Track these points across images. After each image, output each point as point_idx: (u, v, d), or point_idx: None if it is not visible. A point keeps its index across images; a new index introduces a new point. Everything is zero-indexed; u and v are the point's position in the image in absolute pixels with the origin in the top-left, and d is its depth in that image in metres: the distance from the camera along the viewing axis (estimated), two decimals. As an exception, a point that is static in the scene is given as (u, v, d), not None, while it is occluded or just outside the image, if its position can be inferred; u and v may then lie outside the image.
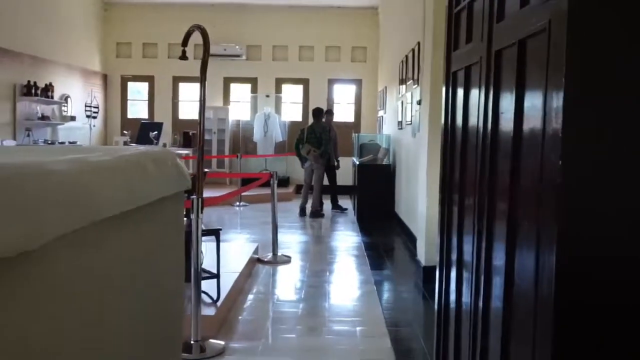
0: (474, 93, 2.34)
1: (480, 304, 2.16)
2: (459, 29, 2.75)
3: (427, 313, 5.10)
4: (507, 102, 1.90)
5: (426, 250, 5.91)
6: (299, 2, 13.55)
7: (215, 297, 4.43)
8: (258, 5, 13.75)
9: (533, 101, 1.66)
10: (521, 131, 1.76)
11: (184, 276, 2.06)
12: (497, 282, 2.00)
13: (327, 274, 6.17)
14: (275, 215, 6.80)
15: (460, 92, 2.65)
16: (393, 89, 10.57)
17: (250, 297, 5.24)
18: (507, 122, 1.90)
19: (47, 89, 11.14)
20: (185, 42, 4.38)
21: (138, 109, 14.80)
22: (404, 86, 8.96)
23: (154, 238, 1.63)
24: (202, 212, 3.87)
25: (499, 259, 1.97)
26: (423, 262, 5.96)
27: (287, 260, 6.66)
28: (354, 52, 14.22)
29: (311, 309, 4.96)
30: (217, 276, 4.42)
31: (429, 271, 5.87)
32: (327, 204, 10.64)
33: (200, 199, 3.87)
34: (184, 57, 4.40)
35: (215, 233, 4.50)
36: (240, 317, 4.63)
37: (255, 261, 6.49)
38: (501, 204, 1.96)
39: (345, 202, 11.80)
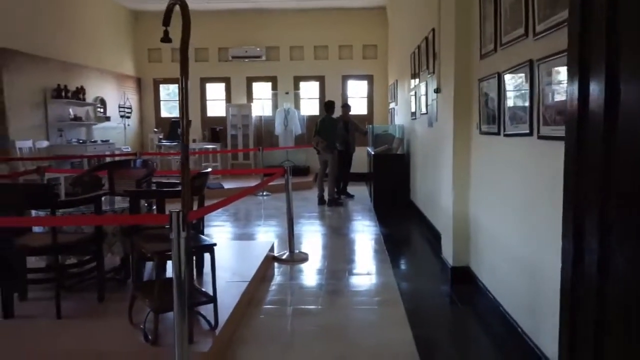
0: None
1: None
2: None
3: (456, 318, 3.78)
4: None
5: (454, 251, 4.48)
6: (312, 5, 12.02)
7: (212, 324, 3.05)
8: (275, 9, 12.27)
9: None
10: None
11: None
12: None
13: (346, 274, 4.76)
14: (291, 210, 5.41)
15: None
16: (404, 82, 9.09)
17: (265, 308, 3.88)
18: None
19: (79, 92, 9.81)
20: (166, 21, 2.97)
21: (170, 109, 13.42)
22: (416, 80, 7.47)
23: None
24: (184, 230, 2.48)
25: None
26: (451, 262, 4.53)
27: (304, 257, 5.27)
28: (365, 50, 12.66)
29: (330, 323, 3.59)
30: (213, 300, 3.02)
31: (457, 272, 4.47)
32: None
33: (182, 214, 2.47)
34: (166, 39, 2.98)
35: (208, 250, 3.10)
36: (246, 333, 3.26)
37: (271, 260, 5.12)
38: None
39: (361, 189, 10.48)
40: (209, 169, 3.93)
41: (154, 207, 4.16)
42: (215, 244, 3.08)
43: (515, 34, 3.16)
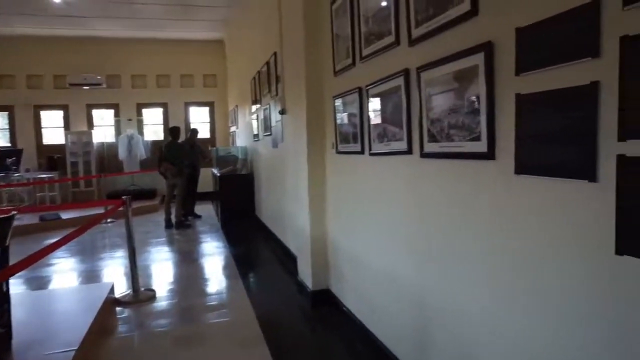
0: None
1: None
2: None
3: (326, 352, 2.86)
4: None
5: (314, 274, 3.59)
6: (152, 36, 10.36)
7: None
8: (114, 38, 10.38)
9: None
10: None
11: None
12: None
13: (200, 313, 3.59)
14: (133, 245, 4.05)
15: None
16: (245, 107, 8.11)
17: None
18: None
19: None
20: None
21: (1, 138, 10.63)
22: (257, 105, 6.56)
23: None
24: None
25: None
26: (310, 286, 3.64)
27: (151, 296, 3.96)
28: (205, 79, 11.37)
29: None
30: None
31: (317, 296, 3.59)
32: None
33: None
34: None
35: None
36: None
37: (111, 304, 3.72)
38: None
39: (207, 207, 9.25)
40: (14, 212, 2.49)
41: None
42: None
43: (382, 43, 2.39)
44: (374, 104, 2.52)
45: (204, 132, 11.27)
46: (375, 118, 2.53)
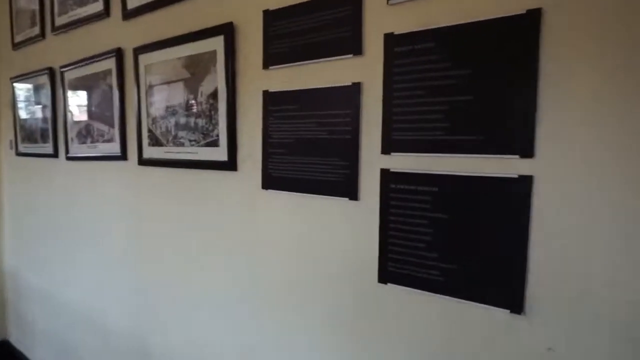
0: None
1: None
2: None
3: None
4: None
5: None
6: None
7: None
8: None
9: None
10: None
11: None
12: None
13: None
14: None
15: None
16: None
17: None
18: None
19: None
20: None
21: None
22: None
23: None
24: None
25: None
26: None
27: None
28: None
29: None
30: None
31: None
32: None
33: None
34: None
35: None
36: None
37: None
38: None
39: None
40: None
41: None
42: None
43: (85, 11, 1.82)
44: (74, 91, 1.92)
45: None
46: (75, 110, 1.92)
